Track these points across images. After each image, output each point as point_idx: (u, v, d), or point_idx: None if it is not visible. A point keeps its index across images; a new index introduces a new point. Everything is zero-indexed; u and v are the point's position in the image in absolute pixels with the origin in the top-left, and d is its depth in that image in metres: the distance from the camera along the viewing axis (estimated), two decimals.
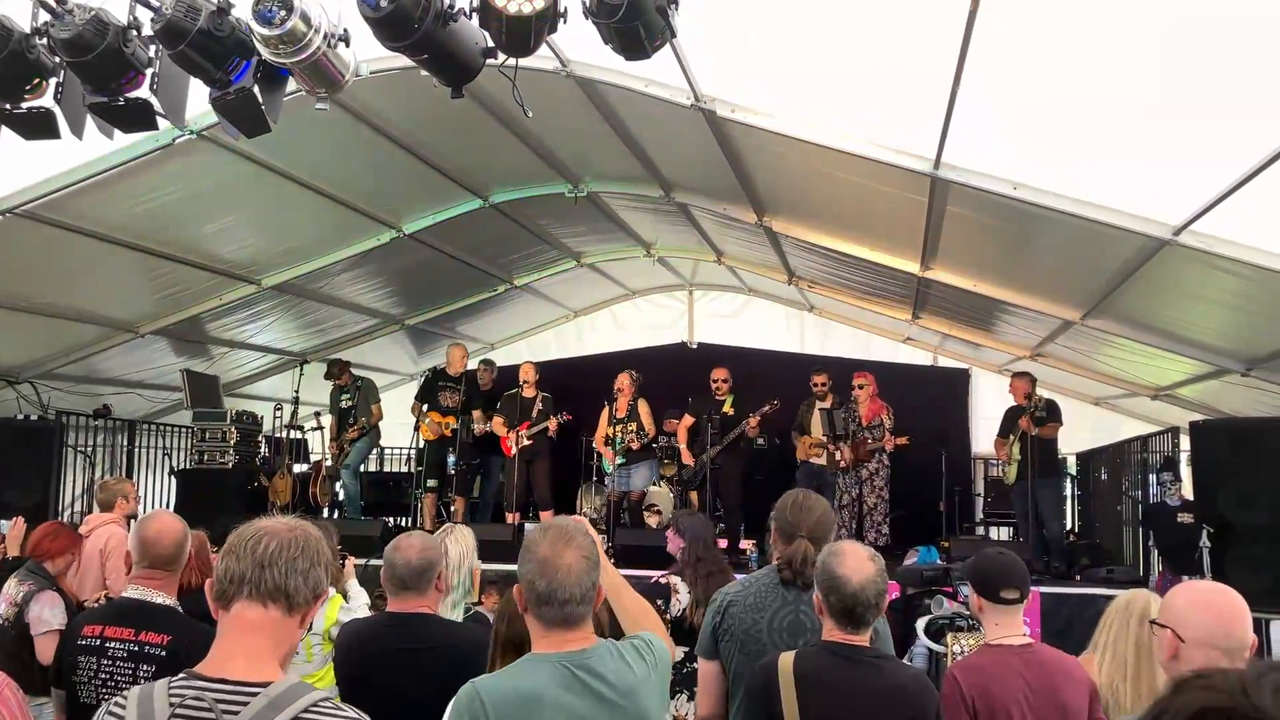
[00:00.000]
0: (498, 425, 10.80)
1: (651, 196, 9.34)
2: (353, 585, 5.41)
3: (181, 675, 1.99)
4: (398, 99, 7.02)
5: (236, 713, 1.90)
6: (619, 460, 10.33)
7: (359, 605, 5.22)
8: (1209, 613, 2.56)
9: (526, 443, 10.49)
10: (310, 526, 2.16)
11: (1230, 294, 6.87)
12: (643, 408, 10.52)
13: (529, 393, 10.72)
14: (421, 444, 11.21)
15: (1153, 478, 9.17)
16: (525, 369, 10.94)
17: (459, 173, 8.84)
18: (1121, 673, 3.75)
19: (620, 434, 10.34)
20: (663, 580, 5.24)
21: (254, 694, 1.92)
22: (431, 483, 11.03)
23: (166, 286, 9.23)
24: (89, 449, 10.56)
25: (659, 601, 5.15)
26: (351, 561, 5.55)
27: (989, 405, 12.64)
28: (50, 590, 5.25)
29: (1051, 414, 9.73)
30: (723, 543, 10.08)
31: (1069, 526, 11.48)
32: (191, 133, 6.66)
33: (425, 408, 11.11)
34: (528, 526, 9.66)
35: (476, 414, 11.01)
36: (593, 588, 2.46)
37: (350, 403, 11.28)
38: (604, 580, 2.76)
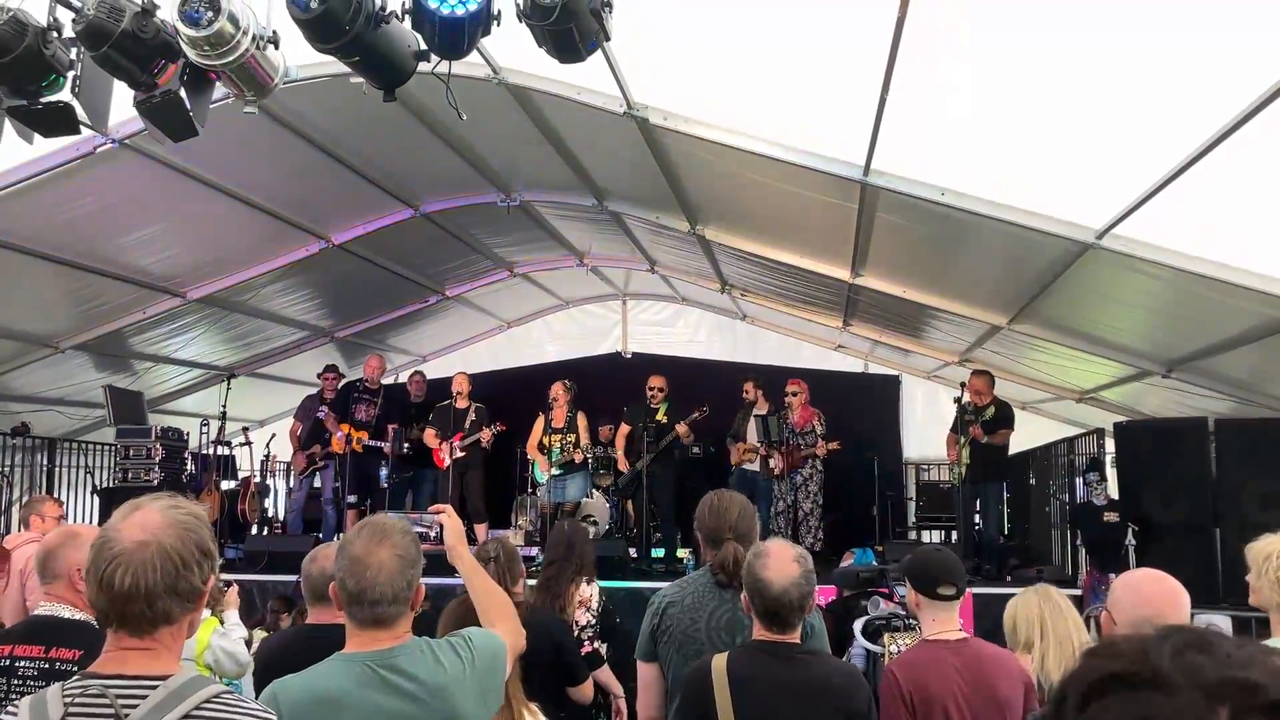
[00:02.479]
0: (429, 437, 10.64)
1: (584, 205, 9.33)
2: (231, 616, 5.14)
3: (76, 676, 1.92)
4: (326, 106, 6.93)
5: (136, 705, 1.84)
6: (555, 471, 10.27)
7: (234, 637, 4.94)
8: (1139, 597, 2.64)
9: (460, 454, 10.38)
10: (166, 527, 1.93)
11: (1151, 297, 7.06)
12: (581, 421, 10.48)
13: (461, 404, 10.60)
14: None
15: (1079, 479, 9.36)
16: (458, 379, 10.81)
17: (389, 182, 8.75)
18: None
19: (559, 444, 10.29)
20: None
21: (152, 687, 1.86)
22: (351, 499, 10.60)
23: (87, 300, 8.99)
24: (6, 469, 10.23)
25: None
26: (235, 590, 5.32)
27: (919, 411, 12.85)
28: None
29: (1004, 420, 9.81)
30: (660, 551, 10.12)
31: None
32: (113, 141, 6.51)
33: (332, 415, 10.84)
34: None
35: (392, 427, 10.80)
36: (407, 588, 2.40)
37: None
38: (460, 569, 2.79)
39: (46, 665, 3.09)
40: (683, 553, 10.24)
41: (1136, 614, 2.53)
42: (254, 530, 11.41)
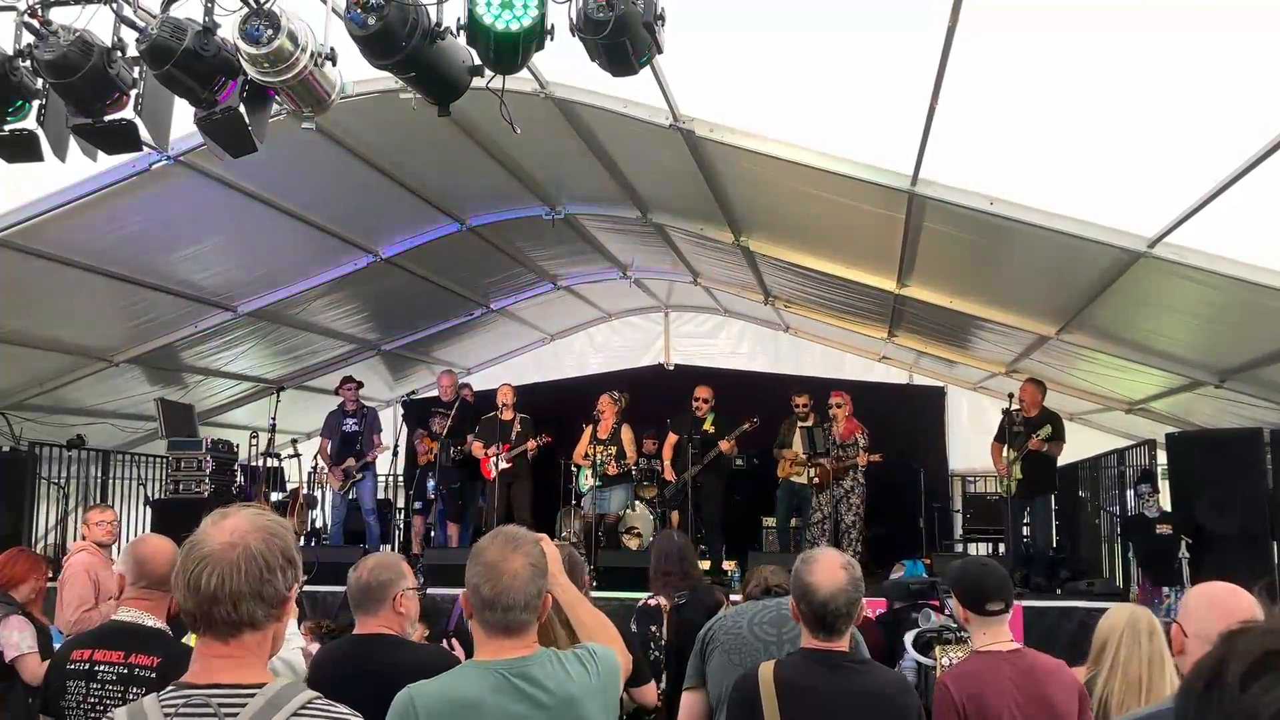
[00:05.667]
0: (476, 449, 10.75)
1: (628, 218, 9.36)
2: (289, 625, 5.18)
3: (170, 687, 1.95)
4: (375, 122, 7.02)
5: (235, 713, 1.87)
6: (595, 482, 10.28)
7: (293, 646, 4.95)
8: (1211, 609, 2.61)
9: (505, 465, 10.45)
10: (253, 531, 1.98)
11: (1204, 305, 6.96)
12: (626, 434, 10.50)
13: (507, 415, 10.69)
14: (402, 469, 11.20)
15: (1130, 491, 9.24)
16: (503, 391, 10.91)
17: (436, 196, 8.83)
18: (1135, 691, 3.75)
19: (600, 455, 10.31)
20: (652, 603, 5.25)
21: (250, 694, 1.90)
22: (417, 505, 10.99)
23: (140, 314, 9.16)
24: (62, 480, 10.42)
25: (653, 628, 5.15)
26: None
27: (964, 422, 12.74)
28: (16, 615, 5.18)
29: (1058, 431, 9.71)
30: (705, 564, 10.07)
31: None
32: (168, 158, 6.63)
33: (425, 434, 11.14)
34: None
35: (471, 438, 10.96)
36: (538, 595, 2.44)
37: (357, 428, 11.06)
38: (560, 593, 2.76)
39: (125, 670, 3.14)
40: (729, 564, 10.20)
41: (1211, 627, 2.50)
42: (302, 541, 11.51)
